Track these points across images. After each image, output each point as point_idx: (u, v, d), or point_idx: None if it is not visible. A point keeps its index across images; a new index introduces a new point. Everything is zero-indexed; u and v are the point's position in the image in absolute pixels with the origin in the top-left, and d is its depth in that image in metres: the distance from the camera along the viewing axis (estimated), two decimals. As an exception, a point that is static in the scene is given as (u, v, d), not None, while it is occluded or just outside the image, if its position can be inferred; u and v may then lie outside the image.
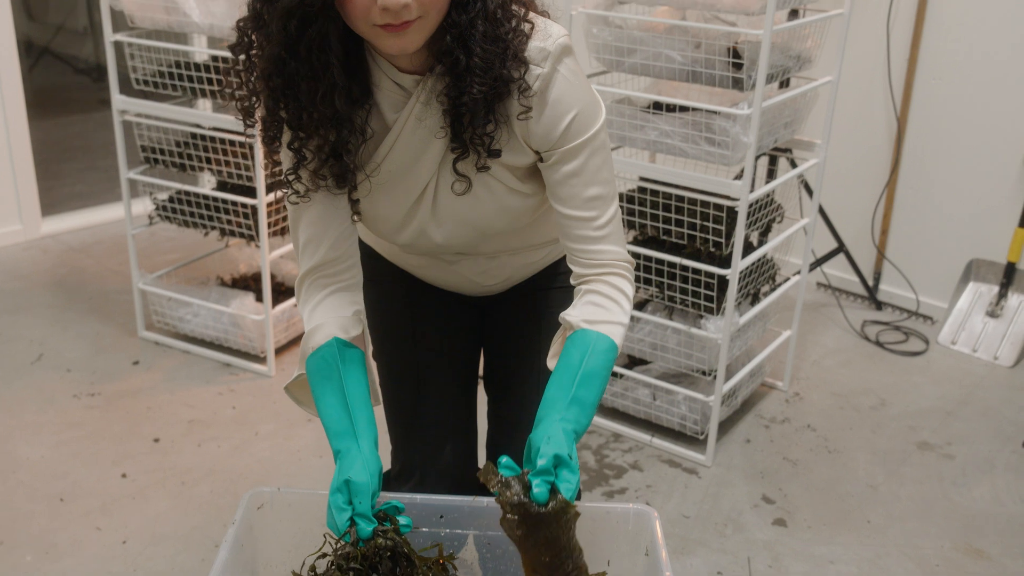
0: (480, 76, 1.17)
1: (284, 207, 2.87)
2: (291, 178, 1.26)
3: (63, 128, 5.12)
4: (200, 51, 2.67)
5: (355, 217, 1.33)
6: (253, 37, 1.18)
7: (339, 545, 1.17)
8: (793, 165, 2.76)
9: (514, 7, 1.21)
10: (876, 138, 3.34)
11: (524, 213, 1.36)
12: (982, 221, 3.22)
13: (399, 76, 1.24)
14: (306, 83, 1.16)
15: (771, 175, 3.17)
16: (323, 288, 1.32)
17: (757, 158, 2.46)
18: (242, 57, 1.21)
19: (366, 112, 1.24)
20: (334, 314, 1.30)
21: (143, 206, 3.09)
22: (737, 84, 2.29)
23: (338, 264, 1.32)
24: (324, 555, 1.20)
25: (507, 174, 1.29)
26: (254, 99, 1.22)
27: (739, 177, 2.71)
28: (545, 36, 1.22)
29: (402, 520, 1.20)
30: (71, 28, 6.22)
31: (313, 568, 1.21)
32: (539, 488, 1.10)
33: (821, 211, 3.22)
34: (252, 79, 1.21)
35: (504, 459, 1.13)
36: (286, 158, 1.26)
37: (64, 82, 5.93)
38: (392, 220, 1.34)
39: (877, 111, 3.31)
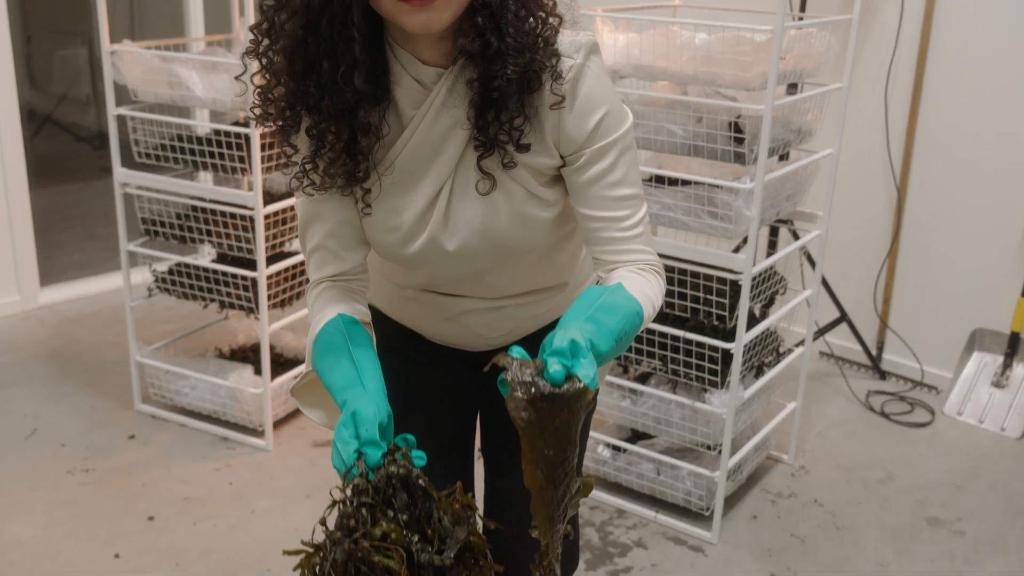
0: (514, 57, 1.13)
1: (284, 279, 2.85)
2: (308, 167, 1.21)
3: (64, 196, 5.13)
4: (203, 124, 2.68)
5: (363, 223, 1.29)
6: (276, 18, 1.14)
7: (347, 488, 1.06)
8: (795, 237, 2.75)
9: None
10: (876, 208, 3.34)
11: (540, 227, 1.28)
12: (984, 290, 3.20)
13: (420, 70, 1.20)
14: (327, 62, 1.12)
15: (772, 245, 3.17)
16: (331, 291, 1.29)
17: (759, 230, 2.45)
18: (264, 43, 1.16)
19: (383, 109, 1.20)
20: (342, 307, 1.26)
21: (142, 275, 3.07)
22: (739, 158, 2.29)
23: (349, 275, 1.29)
24: (335, 503, 1.07)
25: (529, 177, 1.24)
26: (273, 84, 1.17)
27: (738, 248, 2.70)
28: (574, 31, 1.21)
29: (415, 454, 1.08)
30: (74, 97, 6.28)
31: (323, 521, 1.09)
32: (555, 368, 0.97)
33: (824, 281, 3.21)
34: (272, 58, 1.16)
35: (518, 348, 1.03)
36: (303, 144, 1.21)
37: (66, 150, 5.97)
38: (402, 227, 1.26)
39: (877, 181, 3.32)
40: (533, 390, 0.97)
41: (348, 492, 1.04)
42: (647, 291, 1.19)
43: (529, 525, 1.04)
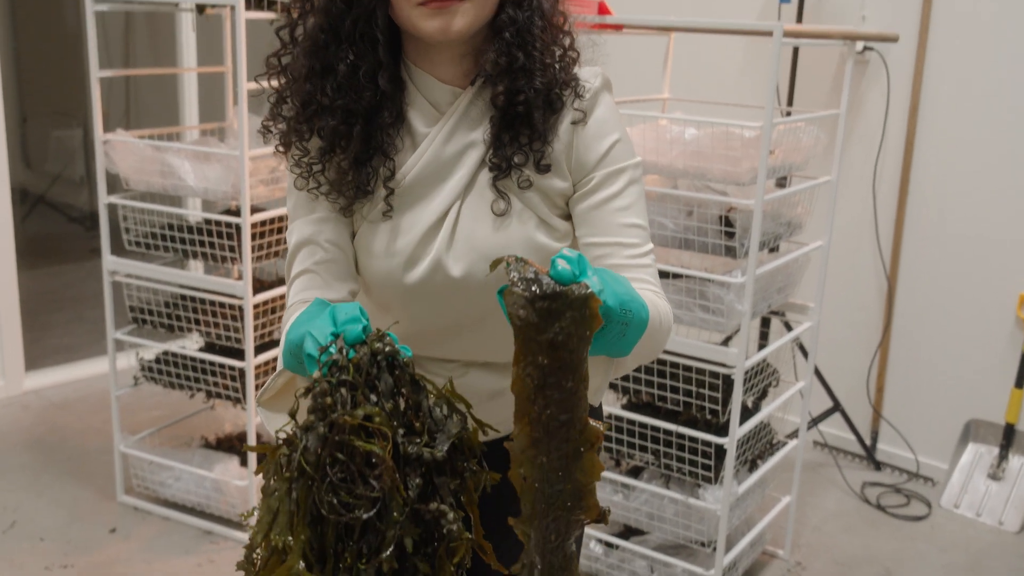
0: (541, 72, 1.14)
1: (272, 370, 2.82)
2: (316, 169, 1.17)
3: (53, 277, 5.11)
4: (195, 214, 2.67)
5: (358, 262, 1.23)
6: (297, 17, 1.16)
7: (319, 380, 0.91)
8: (788, 328, 2.74)
9: (561, 10, 1.19)
10: (867, 297, 3.34)
11: (547, 259, 1.22)
12: (978, 380, 3.18)
13: (436, 90, 1.18)
14: (344, 64, 1.12)
15: (764, 336, 3.15)
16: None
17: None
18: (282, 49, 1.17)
19: (397, 131, 1.19)
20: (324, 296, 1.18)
21: (128, 360, 3.03)
22: (730, 252, 2.29)
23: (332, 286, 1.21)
24: (308, 388, 0.92)
25: (542, 204, 1.20)
26: (287, 90, 1.17)
27: (727, 341, 2.68)
28: (590, 63, 1.22)
29: (401, 348, 0.96)
30: (68, 178, 6.31)
31: (292, 413, 0.93)
32: (562, 265, 0.86)
33: (816, 371, 3.18)
34: (292, 57, 1.17)
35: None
36: (313, 147, 1.18)
37: (58, 231, 5.97)
38: (405, 250, 1.20)
39: (867, 271, 3.32)
40: (535, 287, 0.84)
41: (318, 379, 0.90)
42: (656, 302, 1.11)
43: None
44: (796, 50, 3.23)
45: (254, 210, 2.60)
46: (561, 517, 0.88)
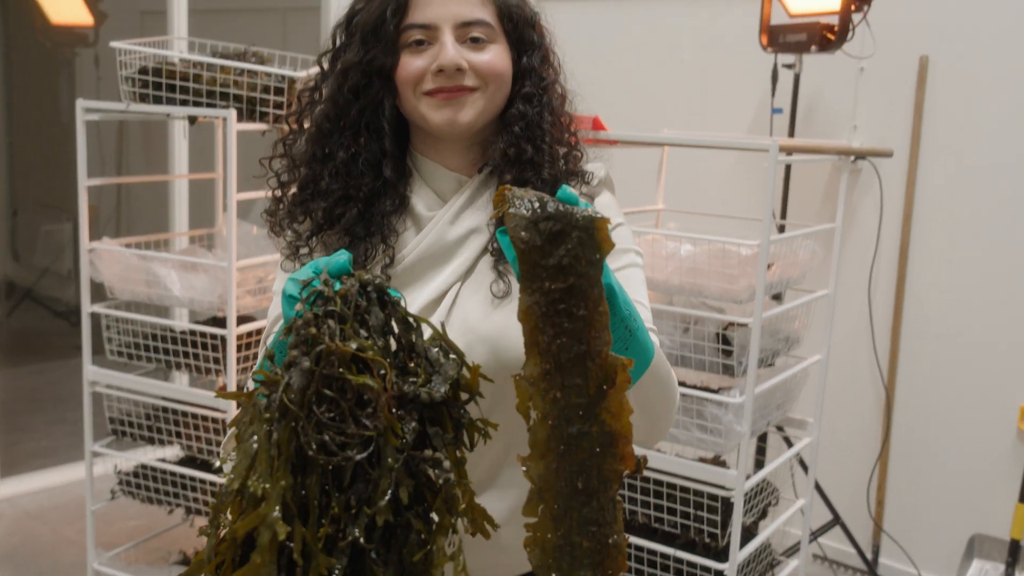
0: (549, 164, 1.15)
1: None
2: (303, 251, 1.17)
3: (36, 375, 5.01)
4: (180, 324, 2.61)
5: None
6: (314, 96, 1.19)
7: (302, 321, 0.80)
8: (788, 444, 2.67)
9: (567, 110, 1.22)
10: (865, 407, 3.28)
11: None
12: (981, 493, 3.10)
13: (441, 178, 1.19)
14: (344, 151, 1.14)
15: (761, 452, 3.07)
16: None
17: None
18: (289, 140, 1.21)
19: (399, 216, 1.18)
20: None
21: (106, 466, 2.93)
22: (727, 370, 2.23)
23: None
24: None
25: None
26: (287, 174, 1.19)
27: (717, 459, 2.60)
28: (595, 159, 1.24)
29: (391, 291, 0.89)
30: (56, 271, 6.25)
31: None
32: (570, 189, 0.82)
33: (816, 485, 3.10)
34: (297, 144, 1.19)
35: None
36: (305, 228, 1.17)
37: (41, 327, 5.88)
38: None
39: (864, 380, 3.26)
40: (538, 206, 0.78)
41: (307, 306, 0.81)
42: (662, 354, 1.06)
43: None
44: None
45: (240, 320, 2.54)
46: (590, 464, 0.79)
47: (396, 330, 0.83)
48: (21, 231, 6.41)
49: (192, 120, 2.59)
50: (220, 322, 2.64)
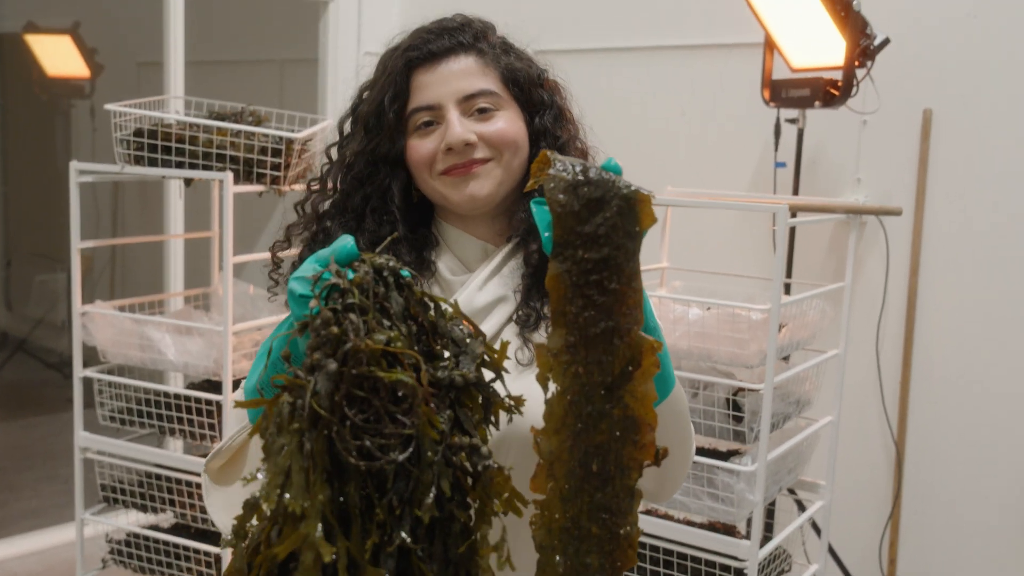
0: None
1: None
2: None
3: (29, 430, 4.93)
4: (174, 389, 2.54)
5: None
6: (311, 192, 1.20)
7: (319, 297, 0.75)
8: (800, 507, 2.59)
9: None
10: (875, 464, 3.20)
11: None
12: (995, 548, 3.02)
13: (467, 246, 1.16)
14: (361, 236, 1.11)
15: (770, 515, 3.00)
16: None
17: (763, 510, 2.30)
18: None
19: (426, 282, 1.16)
20: None
21: (97, 528, 2.84)
22: (738, 436, 2.17)
23: None
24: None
25: None
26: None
27: (727, 530, 2.53)
28: None
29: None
30: (49, 322, 6.19)
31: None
32: (615, 161, 0.80)
33: (829, 547, 3.02)
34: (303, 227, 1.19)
35: None
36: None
37: (33, 379, 5.80)
38: None
39: (873, 435, 3.19)
40: (580, 170, 0.75)
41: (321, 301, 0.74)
42: (681, 390, 1.05)
43: None
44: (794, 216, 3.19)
45: (236, 385, 2.48)
46: (608, 447, 0.75)
47: (416, 313, 0.78)
48: (15, 281, 6.36)
49: (188, 182, 2.55)
50: (215, 386, 2.57)
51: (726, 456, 2.22)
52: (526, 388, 1.05)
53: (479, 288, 1.14)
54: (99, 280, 5.61)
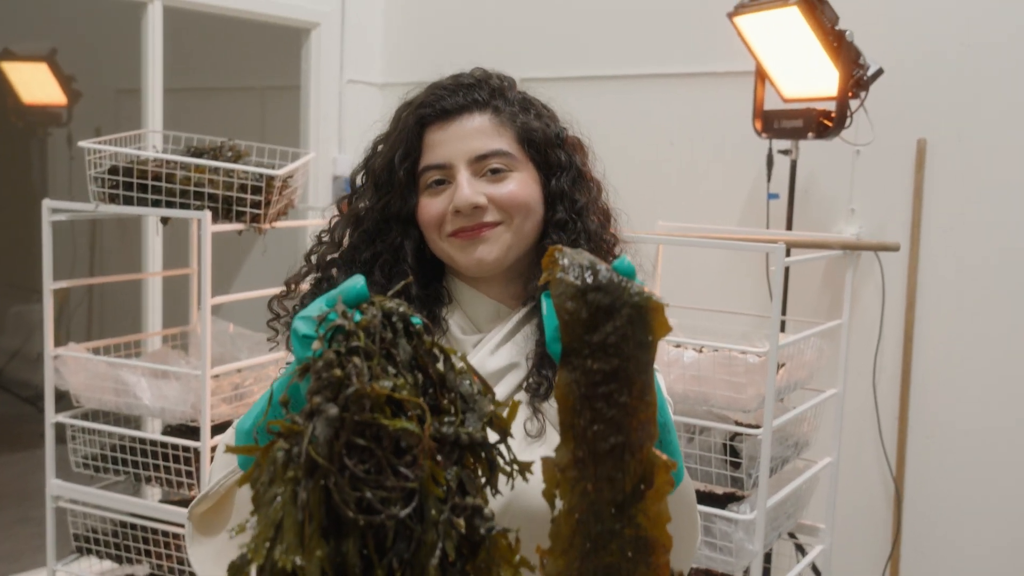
0: None
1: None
2: None
3: (2, 468, 4.82)
4: (151, 436, 2.47)
5: None
6: (333, 237, 1.18)
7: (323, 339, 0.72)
8: (800, 551, 2.54)
9: (612, 232, 1.15)
10: (874, 503, 3.15)
11: None
12: (999, 593, 2.97)
13: (479, 307, 1.13)
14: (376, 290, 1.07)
15: (768, 559, 2.94)
16: None
17: (762, 557, 2.24)
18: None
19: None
20: None
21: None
22: (736, 482, 2.12)
23: None
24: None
25: None
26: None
27: None
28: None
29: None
30: (25, 354, 6.08)
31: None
32: (628, 259, 0.77)
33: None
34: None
35: None
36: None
37: (7, 412, 5.69)
38: None
39: (872, 475, 3.14)
40: (588, 275, 0.72)
41: (325, 344, 0.71)
42: (689, 479, 1.01)
43: None
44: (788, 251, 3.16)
45: (216, 430, 2.41)
46: (619, 569, 0.71)
47: (425, 363, 0.74)
48: (-11, 313, 6.26)
49: (164, 221, 2.49)
50: (193, 431, 2.50)
51: (723, 501, 2.17)
52: (534, 459, 1.02)
53: (491, 352, 1.12)
54: (75, 315, 5.51)
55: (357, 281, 0.76)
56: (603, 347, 0.72)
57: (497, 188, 1.11)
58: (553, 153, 1.16)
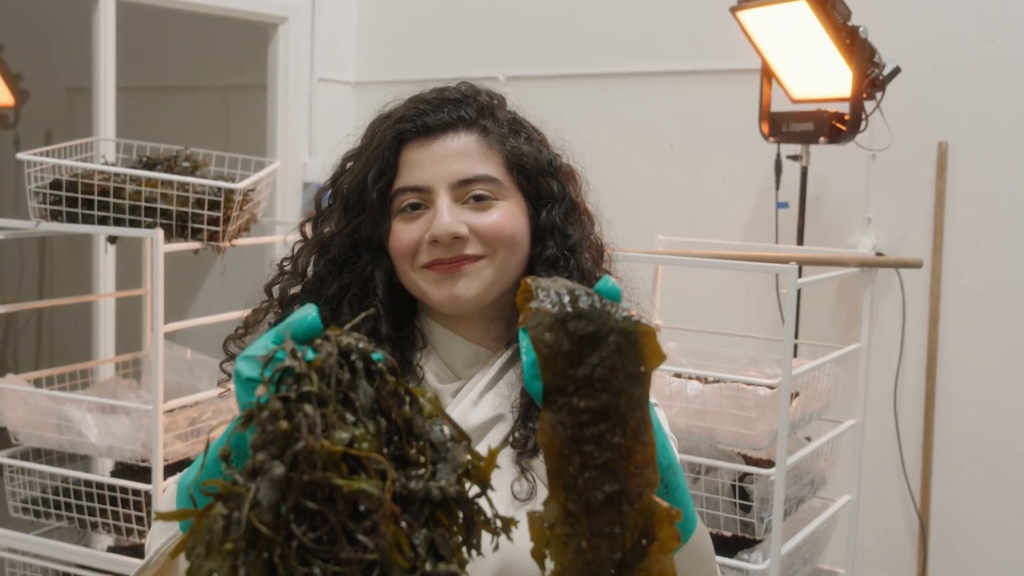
0: None
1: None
2: None
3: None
4: (97, 478, 2.38)
5: None
6: (296, 266, 1.14)
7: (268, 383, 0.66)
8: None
9: (605, 268, 1.11)
10: (897, 540, 3.09)
11: None
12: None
13: (456, 350, 1.07)
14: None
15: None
16: None
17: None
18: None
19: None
20: None
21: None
22: (746, 527, 2.04)
23: None
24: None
25: None
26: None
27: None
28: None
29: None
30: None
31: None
32: (612, 281, 0.73)
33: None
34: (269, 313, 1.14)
35: None
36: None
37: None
38: None
39: (894, 510, 3.08)
40: (568, 301, 0.68)
41: (270, 387, 0.65)
42: (705, 529, 0.97)
43: None
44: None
45: (169, 471, 2.32)
46: None
47: (388, 408, 0.68)
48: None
49: (112, 239, 2.41)
50: (145, 472, 2.41)
51: (733, 546, 2.09)
52: (524, 528, 0.96)
53: (473, 404, 1.06)
54: (22, 339, 5.40)
55: (308, 312, 0.70)
56: (589, 381, 0.68)
57: (480, 218, 1.06)
58: (544, 182, 1.11)
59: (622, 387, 0.68)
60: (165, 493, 1.02)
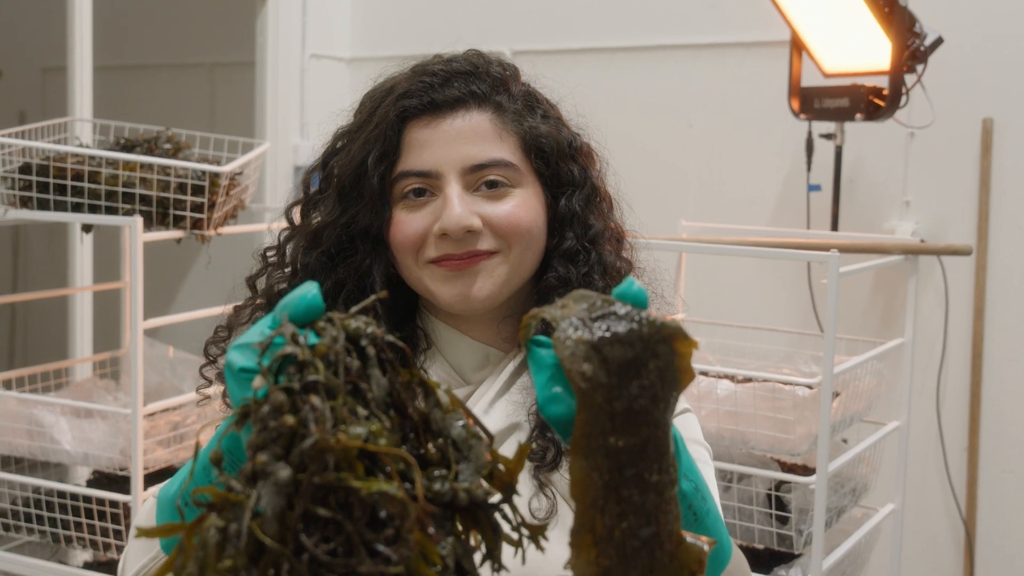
0: None
1: None
2: None
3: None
4: (71, 488, 2.32)
5: None
6: (281, 258, 1.09)
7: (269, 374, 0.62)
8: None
9: (625, 258, 1.08)
10: (941, 551, 3.02)
11: None
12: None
13: (464, 350, 1.03)
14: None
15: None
16: None
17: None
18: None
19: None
20: None
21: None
22: (783, 542, 1.97)
23: None
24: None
25: None
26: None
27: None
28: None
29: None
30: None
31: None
32: (637, 285, 0.67)
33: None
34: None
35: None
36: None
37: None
38: None
39: (938, 518, 3.01)
40: (600, 326, 0.63)
41: (271, 377, 0.60)
42: (742, 557, 0.94)
43: None
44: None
45: (149, 480, 2.26)
46: None
47: (403, 401, 0.63)
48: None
49: (87, 228, 2.34)
50: (124, 482, 2.35)
51: (767, 561, 2.02)
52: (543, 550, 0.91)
53: (485, 411, 1.02)
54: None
55: (307, 290, 0.63)
56: (629, 416, 0.62)
57: (495, 208, 1.01)
58: (564, 166, 1.05)
59: (660, 418, 0.64)
60: (143, 507, 0.96)
